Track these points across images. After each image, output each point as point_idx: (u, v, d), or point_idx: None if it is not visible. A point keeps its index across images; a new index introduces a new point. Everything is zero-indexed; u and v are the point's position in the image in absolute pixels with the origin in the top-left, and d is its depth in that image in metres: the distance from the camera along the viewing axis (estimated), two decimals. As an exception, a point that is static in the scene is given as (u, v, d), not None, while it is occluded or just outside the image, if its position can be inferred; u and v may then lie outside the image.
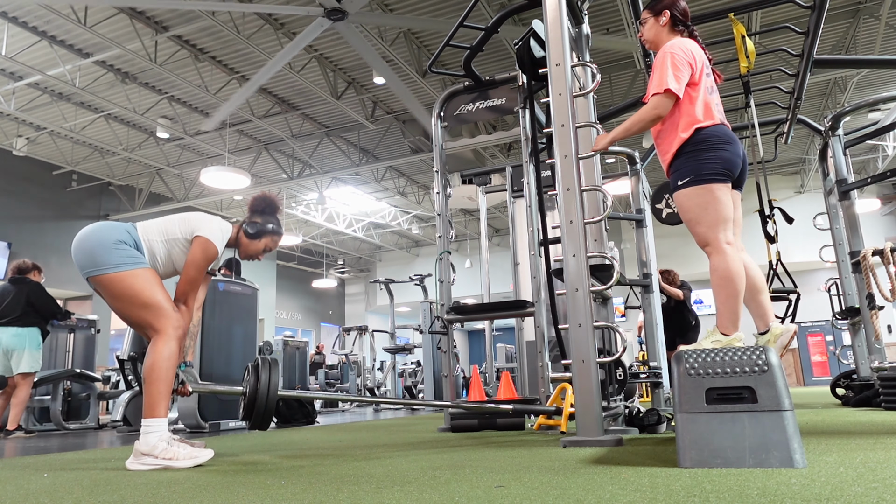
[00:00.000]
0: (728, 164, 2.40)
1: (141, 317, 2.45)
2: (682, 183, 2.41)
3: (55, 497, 1.72)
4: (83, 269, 2.47)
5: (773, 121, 5.13)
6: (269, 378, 2.54)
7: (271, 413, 2.56)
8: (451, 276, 4.33)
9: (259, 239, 2.79)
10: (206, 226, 2.60)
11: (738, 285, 2.35)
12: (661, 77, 2.43)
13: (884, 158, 12.28)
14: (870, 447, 2.04)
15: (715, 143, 2.40)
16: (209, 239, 2.57)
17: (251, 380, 2.56)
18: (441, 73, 4.46)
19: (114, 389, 7.30)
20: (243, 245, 2.79)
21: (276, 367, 2.59)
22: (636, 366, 5.35)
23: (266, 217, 2.82)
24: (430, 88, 9.45)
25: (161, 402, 2.37)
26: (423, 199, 14.72)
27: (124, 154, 11.36)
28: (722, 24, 7.29)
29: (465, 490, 1.56)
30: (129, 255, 2.47)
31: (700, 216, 2.39)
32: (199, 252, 2.56)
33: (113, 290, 2.44)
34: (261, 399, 2.52)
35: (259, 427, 2.60)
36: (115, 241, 2.47)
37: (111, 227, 2.53)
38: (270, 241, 2.82)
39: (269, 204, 2.84)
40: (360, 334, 12.09)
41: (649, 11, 2.69)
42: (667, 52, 2.47)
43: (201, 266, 2.58)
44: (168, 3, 6.45)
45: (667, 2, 2.66)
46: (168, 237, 2.59)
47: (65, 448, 3.86)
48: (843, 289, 5.12)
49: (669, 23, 2.62)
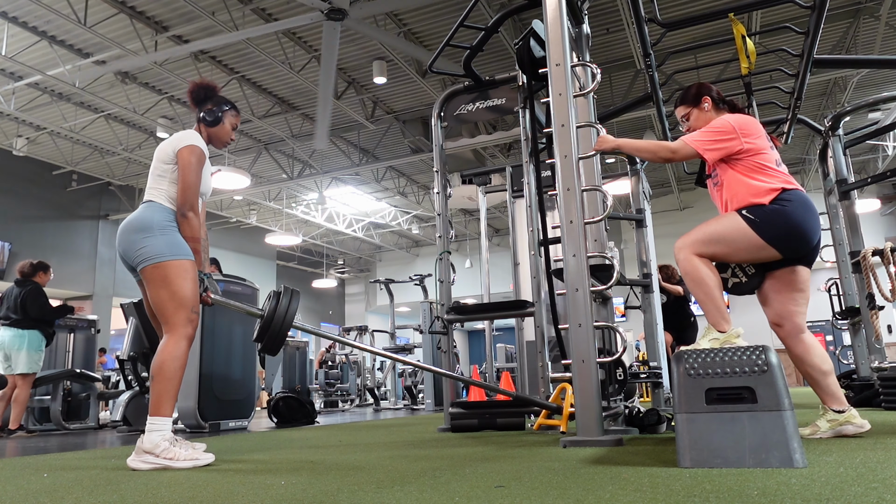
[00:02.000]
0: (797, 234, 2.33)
1: (163, 307, 2.45)
2: (746, 215, 2.35)
3: (55, 497, 1.72)
4: (130, 260, 2.51)
5: (773, 121, 5.13)
6: (289, 304, 2.62)
7: (283, 338, 2.63)
8: (451, 276, 4.33)
9: (222, 123, 2.81)
10: (180, 138, 2.65)
11: (708, 283, 2.34)
12: (705, 138, 2.44)
13: (884, 158, 12.29)
14: (870, 447, 2.04)
15: (802, 206, 2.34)
16: (189, 143, 2.62)
17: (272, 303, 2.62)
18: (441, 72, 4.46)
19: (114, 389, 7.30)
20: (213, 135, 2.81)
21: (296, 296, 2.67)
22: (636, 366, 5.35)
23: (213, 101, 2.83)
24: (430, 88, 9.45)
25: (167, 402, 2.38)
26: (423, 199, 14.72)
27: (124, 154, 11.36)
28: (722, 24, 7.29)
29: (465, 490, 1.56)
30: (172, 242, 2.50)
31: (716, 239, 2.37)
32: (189, 156, 2.60)
33: (150, 276, 2.46)
34: (276, 322, 2.59)
35: (269, 351, 2.65)
36: (157, 228, 2.50)
37: (145, 215, 2.54)
38: (231, 117, 2.84)
39: (206, 88, 2.84)
40: (360, 334, 12.08)
41: (687, 105, 2.68)
42: (726, 121, 2.46)
43: (196, 168, 2.61)
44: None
45: (696, 90, 2.67)
46: (167, 178, 2.61)
47: (65, 448, 3.86)
48: (843, 289, 5.12)
49: (713, 106, 2.64)
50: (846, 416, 2.39)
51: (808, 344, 2.45)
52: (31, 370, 5.49)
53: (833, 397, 2.42)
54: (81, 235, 12.61)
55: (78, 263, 12.34)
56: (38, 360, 5.58)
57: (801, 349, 2.46)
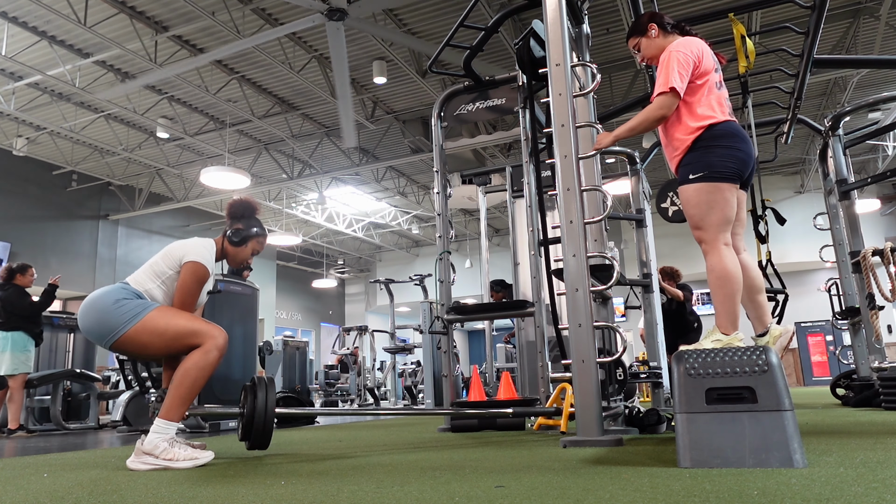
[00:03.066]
0: (740, 165, 2.39)
1: (179, 345, 2.42)
2: (693, 177, 2.39)
3: (55, 497, 1.72)
4: (100, 340, 2.43)
5: (773, 121, 5.13)
6: (266, 397, 2.52)
7: (270, 433, 2.55)
8: (451, 276, 4.33)
9: (245, 244, 2.75)
10: (191, 249, 2.56)
11: (734, 285, 2.34)
12: (665, 76, 2.42)
13: (884, 158, 12.28)
14: (870, 447, 2.04)
15: (730, 140, 2.39)
16: (197, 261, 2.53)
17: (249, 400, 2.55)
18: (441, 73, 4.46)
19: (114, 389, 7.30)
20: (231, 254, 2.75)
21: (272, 387, 2.57)
22: (636, 366, 5.35)
23: (247, 221, 2.77)
24: (430, 88, 9.45)
25: (179, 408, 2.37)
26: (423, 199, 14.72)
27: (124, 154, 11.36)
28: (722, 24, 7.29)
29: (465, 490, 1.56)
30: (134, 305, 2.43)
31: (705, 214, 2.38)
32: (190, 276, 2.51)
33: (140, 341, 2.41)
34: (258, 419, 2.50)
35: (259, 447, 2.59)
36: (114, 301, 2.42)
37: (106, 292, 2.48)
38: (256, 243, 2.78)
39: (247, 207, 2.80)
40: (360, 334, 12.09)
41: (636, 35, 2.70)
42: (670, 51, 2.47)
43: (193, 289, 2.53)
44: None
45: (645, 17, 2.68)
46: (162, 279, 2.55)
47: (65, 448, 3.86)
48: (843, 289, 5.12)
49: (660, 32, 2.63)
50: (772, 334, 2.44)
51: (745, 264, 2.50)
52: (16, 371, 5.57)
53: (757, 320, 2.51)
54: (81, 235, 12.61)
55: (78, 263, 12.34)
56: (26, 360, 5.66)
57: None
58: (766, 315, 2.50)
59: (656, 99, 2.45)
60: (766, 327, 2.47)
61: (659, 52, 2.60)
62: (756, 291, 2.50)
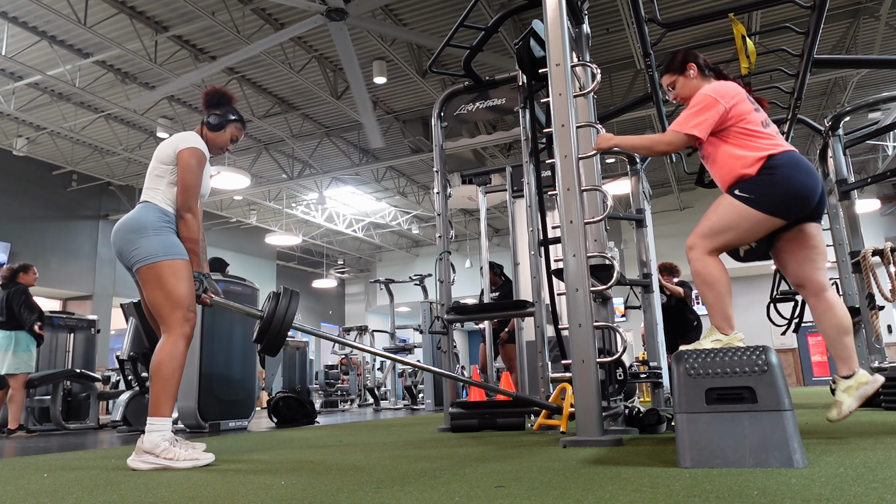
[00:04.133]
0: (797, 198, 2.28)
1: (160, 307, 2.45)
2: (739, 193, 2.32)
3: (55, 497, 1.72)
4: (125, 261, 2.52)
5: (773, 121, 5.12)
6: (288, 305, 2.61)
7: (283, 339, 2.62)
8: (451, 276, 4.33)
9: (224, 129, 2.83)
10: (180, 139, 2.65)
11: (721, 286, 2.32)
12: (689, 117, 2.39)
13: (884, 158, 12.28)
14: (870, 447, 2.04)
15: (792, 169, 2.29)
16: (191, 145, 2.63)
17: (271, 304, 2.62)
18: (441, 73, 4.46)
19: (114, 389, 7.30)
20: (210, 140, 2.82)
21: (296, 297, 2.66)
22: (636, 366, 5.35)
23: (223, 108, 2.84)
24: (430, 88, 9.45)
25: (166, 402, 2.38)
26: (423, 199, 14.72)
27: (124, 154, 11.36)
28: (722, 24, 7.29)
29: (465, 490, 1.56)
30: (166, 243, 2.50)
31: (722, 229, 2.34)
32: (190, 158, 2.60)
33: (145, 277, 2.47)
34: (276, 322, 2.58)
35: (269, 351, 2.65)
36: (152, 228, 2.50)
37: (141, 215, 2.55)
38: (234, 128, 2.87)
39: (222, 95, 2.87)
40: (360, 334, 12.09)
41: (672, 73, 2.65)
42: (704, 93, 2.42)
43: (196, 170, 2.62)
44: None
45: (682, 57, 2.64)
46: (168, 178, 2.61)
47: (65, 448, 3.86)
48: (843, 289, 5.11)
49: (698, 73, 2.60)
50: (858, 379, 2.34)
51: (829, 302, 2.40)
52: (19, 370, 5.58)
53: (843, 361, 2.38)
54: (81, 235, 12.61)
55: (78, 263, 12.34)
56: (28, 360, 5.67)
57: (822, 307, 2.42)
58: (852, 358, 2.38)
59: (670, 134, 2.42)
60: (852, 371, 2.36)
61: (693, 94, 2.53)
62: (843, 332, 2.39)
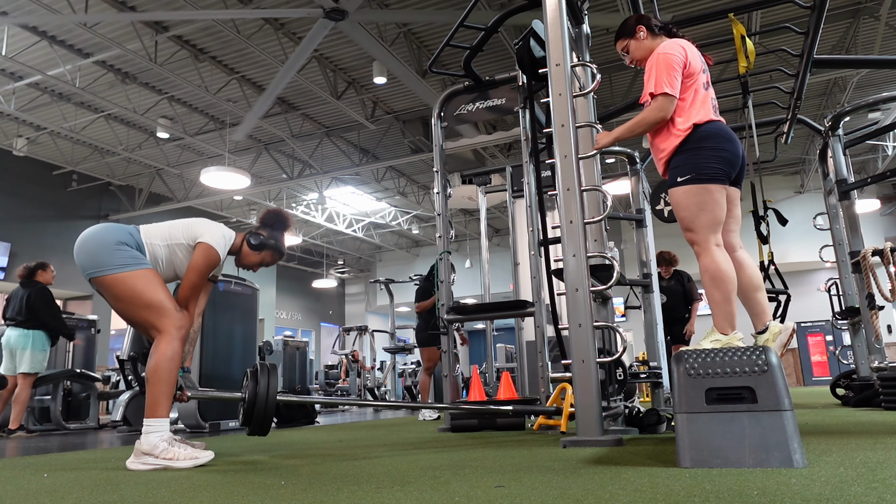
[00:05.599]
0: (728, 164, 2.40)
1: (143, 317, 2.45)
2: (681, 180, 2.40)
3: (55, 497, 1.72)
4: (85, 269, 2.48)
5: (773, 121, 5.13)
6: (268, 383, 2.54)
7: (271, 419, 2.56)
8: (451, 276, 4.33)
9: (260, 252, 2.82)
10: (210, 232, 2.62)
11: (729, 285, 2.35)
12: (656, 79, 2.43)
13: (884, 158, 12.28)
14: (870, 447, 2.04)
15: (715, 141, 2.39)
16: (212, 245, 2.59)
17: (250, 385, 2.56)
18: (441, 73, 4.46)
19: (114, 389, 7.30)
20: (244, 254, 2.82)
21: (274, 373, 2.59)
22: (636, 366, 5.35)
23: (272, 232, 2.85)
24: (430, 88, 9.45)
25: (163, 403, 2.38)
26: (423, 199, 14.71)
27: (124, 154, 11.36)
28: (722, 24, 7.29)
29: (465, 490, 1.56)
30: (131, 255, 2.48)
31: (695, 216, 2.39)
32: (202, 258, 2.57)
33: (115, 291, 2.45)
34: (260, 404, 2.51)
35: (259, 433, 2.60)
36: (116, 242, 2.48)
37: (113, 229, 2.54)
38: (269, 255, 2.85)
39: (279, 220, 2.88)
40: (360, 334, 12.09)
41: (624, 37, 2.71)
42: (658, 53, 2.48)
43: (203, 272, 2.59)
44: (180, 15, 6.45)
45: (633, 20, 2.69)
46: (171, 241, 2.60)
47: (65, 448, 3.86)
48: (843, 289, 5.11)
49: (648, 34, 2.64)
50: (771, 331, 2.42)
51: (740, 261, 2.49)
52: (33, 370, 5.55)
53: (756, 317, 2.48)
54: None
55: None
56: (43, 359, 5.65)
57: (734, 266, 2.48)
58: (764, 312, 2.49)
59: (655, 100, 2.44)
60: (765, 325, 2.46)
61: (647, 54, 2.60)
62: (753, 289, 2.49)
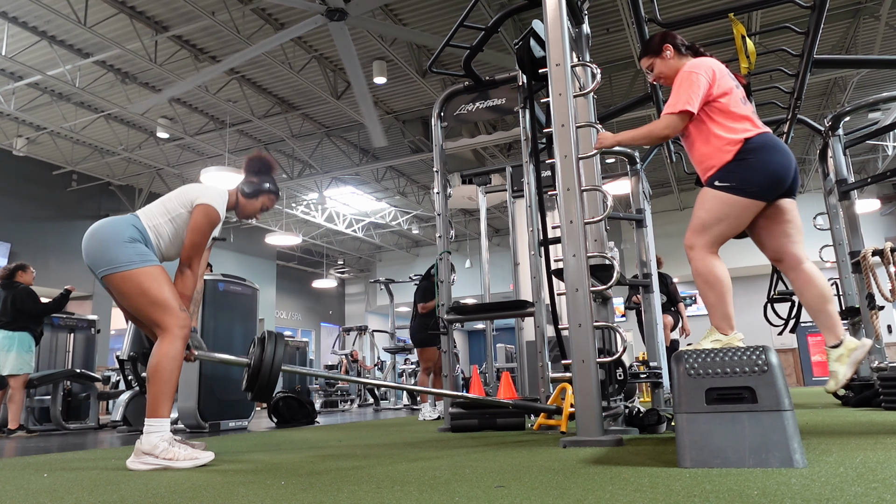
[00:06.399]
0: (774, 178, 2.34)
1: (148, 314, 2.45)
2: (719, 185, 2.36)
3: (55, 497, 1.72)
4: (96, 267, 2.49)
5: (773, 121, 5.12)
6: (275, 350, 2.57)
7: (274, 385, 2.59)
8: (451, 276, 4.33)
9: (256, 198, 2.85)
10: (206, 192, 2.65)
11: (723, 286, 2.34)
12: (677, 97, 2.41)
13: (884, 158, 12.28)
14: (870, 447, 2.04)
15: (765, 153, 2.34)
16: (210, 204, 2.61)
17: (256, 351, 2.59)
18: (441, 73, 4.46)
19: (114, 389, 7.30)
20: (241, 205, 2.84)
21: (281, 341, 2.62)
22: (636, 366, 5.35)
23: (262, 177, 2.86)
24: (430, 88, 9.45)
25: (164, 403, 2.38)
26: (423, 199, 14.71)
27: (124, 154, 11.36)
28: (722, 24, 7.29)
29: (465, 490, 1.56)
30: (140, 252, 2.49)
31: (712, 223, 2.36)
32: (202, 217, 2.60)
33: (122, 288, 2.45)
34: (265, 370, 2.55)
35: (260, 399, 2.63)
36: (126, 238, 2.49)
37: (121, 224, 2.54)
38: (267, 199, 2.88)
39: (264, 164, 2.89)
40: (360, 334, 12.09)
41: (650, 56, 2.68)
42: (684, 70, 2.46)
43: (205, 231, 2.61)
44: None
45: (658, 38, 2.67)
46: (171, 215, 2.62)
47: (65, 448, 3.86)
48: (843, 289, 5.11)
49: (675, 53, 2.63)
50: (847, 346, 2.36)
51: (808, 274, 2.43)
52: (20, 371, 5.61)
53: (829, 331, 2.41)
54: (81, 235, 12.35)
55: (78, 263, 12.29)
56: (29, 360, 5.72)
57: (801, 280, 2.44)
58: (837, 325, 2.41)
59: (664, 118, 2.44)
60: (839, 339, 2.39)
61: (673, 74, 2.57)
62: (824, 301, 2.41)
